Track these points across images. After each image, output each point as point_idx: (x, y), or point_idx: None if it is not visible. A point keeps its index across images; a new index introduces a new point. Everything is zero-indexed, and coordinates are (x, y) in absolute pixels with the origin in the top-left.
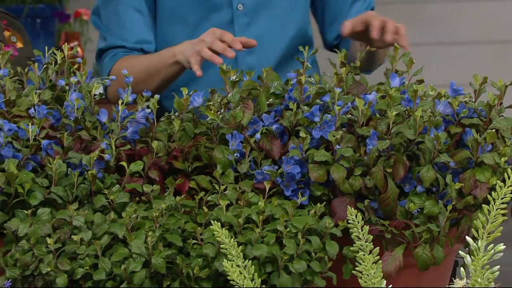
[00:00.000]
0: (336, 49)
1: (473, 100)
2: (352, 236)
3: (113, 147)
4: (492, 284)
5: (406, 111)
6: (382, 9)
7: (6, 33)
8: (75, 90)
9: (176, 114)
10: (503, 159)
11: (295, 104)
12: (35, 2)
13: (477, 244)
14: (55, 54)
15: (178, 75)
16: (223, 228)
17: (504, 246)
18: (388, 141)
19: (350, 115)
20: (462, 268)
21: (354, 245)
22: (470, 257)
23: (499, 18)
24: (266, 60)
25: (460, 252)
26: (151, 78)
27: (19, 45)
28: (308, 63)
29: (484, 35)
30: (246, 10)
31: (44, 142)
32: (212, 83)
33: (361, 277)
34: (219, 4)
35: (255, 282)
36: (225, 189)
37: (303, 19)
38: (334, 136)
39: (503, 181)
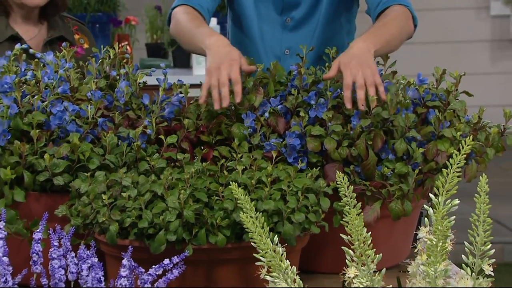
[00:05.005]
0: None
1: (435, 87)
2: (340, 193)
3: (154, 124)
4: (450, 231)
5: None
6: (358, 17)
7: (76, 36)
8: (124, 79)
9: None
10: (458, 133)
11: (296, 90)
12: (95, 11)
13: (438, 200)
14: (109, 51)
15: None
16: (240, 188)
17: (459, 201)
18: (369, 120)
19: (339, 99)
20: (426, 219)
21: (342, 200)
22: (433, 209)
23: (452, 24)
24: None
25: (424, 206)
26: (186, 41)
27: (86, 45)
28: None
29: (441, 37)
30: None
31: (100, 120)
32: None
33: (347, 226)
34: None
35: (264, 230)
36: (241, 157)
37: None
38: (327, 115)
39: (459, 150)
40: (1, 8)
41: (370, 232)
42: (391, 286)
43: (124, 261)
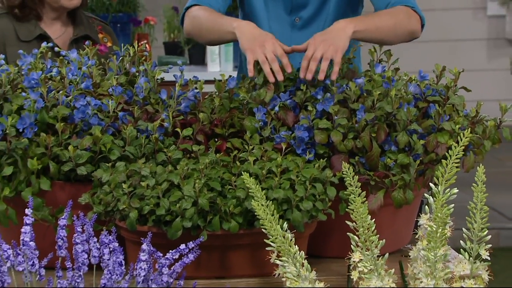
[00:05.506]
0: None
1: (435, 82)
2: (346, 183)
3: (171, 118)
4: (449, 218)
5: (386, 91)
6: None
7: (100, 35)
8: (143, 76)
9: (217, 93)
10: (457, 126)
11: (304, 85)
12: (116, 11)
13: (438, 189)
14: (129, 50)
15: (226, 42)
16: (251, 177)
17: (457, 190)
18: (373, 113)
19: (344, 94)
20: (426, 206)
21: (347, 189)
22: (433, 198)
23: (451, 23)
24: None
25: (425, 194)
26: (210, 31)
27: (109, 44)
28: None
29: (441, 36)
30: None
31: (120, 113)
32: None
33: (352, 213)
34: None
35: (274, 217)
36: (252, 149)
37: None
38: (333, 109)
39: (457, 142)
40: (33, 13)
41: (374, 219)
42: (393, 269)
43: (143, 246)
